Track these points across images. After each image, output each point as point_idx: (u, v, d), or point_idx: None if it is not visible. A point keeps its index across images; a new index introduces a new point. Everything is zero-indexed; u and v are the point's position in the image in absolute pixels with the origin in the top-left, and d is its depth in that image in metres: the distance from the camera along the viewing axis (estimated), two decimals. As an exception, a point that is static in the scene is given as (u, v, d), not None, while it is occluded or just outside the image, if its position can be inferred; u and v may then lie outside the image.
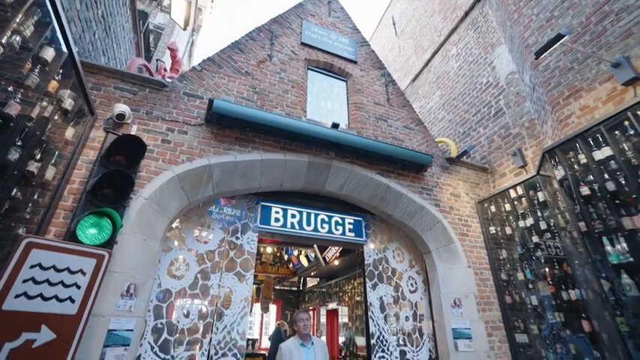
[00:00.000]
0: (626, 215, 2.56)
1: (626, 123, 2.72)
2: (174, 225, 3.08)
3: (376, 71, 4.79)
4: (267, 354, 9.24)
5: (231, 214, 3.37)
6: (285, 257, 10.31)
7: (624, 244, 2.53)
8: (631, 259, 2.47)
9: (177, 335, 2.75)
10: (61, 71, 2.16)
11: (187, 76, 3.36)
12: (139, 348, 2.53)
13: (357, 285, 8.40)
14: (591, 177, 2.88)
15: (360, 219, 3.91)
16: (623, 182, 2.64)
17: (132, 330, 2.34)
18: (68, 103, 2.29)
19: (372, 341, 3.30)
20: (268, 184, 3.38)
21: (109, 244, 2.28)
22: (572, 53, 3.55)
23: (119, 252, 2.36)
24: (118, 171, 2.52)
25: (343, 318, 9.36)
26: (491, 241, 4.04)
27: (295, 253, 9.00)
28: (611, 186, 2.71)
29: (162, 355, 2.65)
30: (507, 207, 3.99)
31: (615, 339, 2.52)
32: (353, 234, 3.78)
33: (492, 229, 4.08)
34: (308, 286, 12.52)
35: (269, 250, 9.15)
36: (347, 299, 9.06)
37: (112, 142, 2.60)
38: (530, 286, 3.57)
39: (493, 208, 4.17)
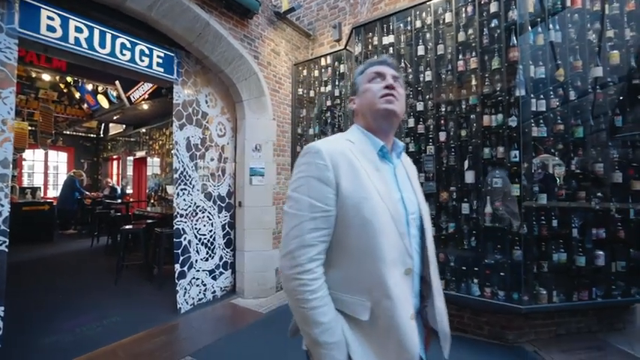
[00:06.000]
0: (384, 90, 3.47)
1: (408, 19, 3.40)
2: None
3: None
4: (55, 202, 8.27)
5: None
6: (77, 95, 8.37)
7: (376, 111, 3.51)
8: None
9: None
10: None
11: None
12: None
13: (169, 134, 8.11)
14: (375, 57, 3.59)
15: (173, 55, 3.52)
16: (391, 65, 3.47)
17: None
18: None
19: (176, 175, 3.52)
20: (31, -29, 2.40)
21: None
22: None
23: None
24: None
25: (154, 169, 9.17)
26: (297, 100, 4.63)
27: (90, 87, 7.39)
28: (383, 67, 3.50)
29: None
30: (316, 73, 4.54)
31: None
32: (162, 69, 3.42)
33: (300, 91, 4.64)
34: (111, 134, 11.06)
35: (46, 78, 7.05)
36: (157, 148, 8.75)
37: None
38: (316, 139, 4.52)
39: (305, 73, 4.64)
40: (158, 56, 3.42)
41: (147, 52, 3.34)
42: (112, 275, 4.60)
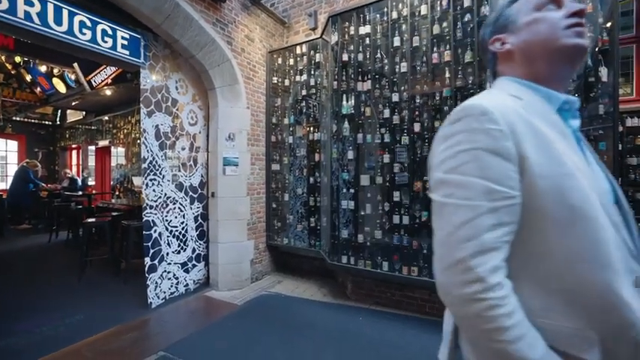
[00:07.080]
0: (360, 81, 3.48)
1: (385, 9, 3.41)
2: None
3: None
4: (4, 195, 7.64)
5: None
6: (28, 77, 7.69)
7: (352, 101, 3.52)
8: (352, 112, 3.52)
9: None
10: None
11: None
12: None
13: (135, 122, 7.69)
14: (352, 47, 3.58)
15: (139, 37, 3.30)
16: (368, 56, 3.48)
17: None
18: None
19: (144, 165, 3.34)
20: None
21: None
22: None
23: None
24: None
25: (119, 159, 8.68)
26: (271, 89, 4.53)
27: (43, 69, 6.81)
28: (359, 57, 3.50)
29: None
30: (291, 62, 4.46)
31: (329, 164, 3.71)
32: (127, 52, 3.20)
33: (275, 79, 4.54)
34: (69, 121, 10.31)
35: (-7, 57, 6.40)
36: (122, 137, 8.28)
37: None
38: (291, 129, 4.47)
39: (280, 61, 4.54)
40: (123, 37, 3.20)
41: (110, 32, 3.11)
42: (74, 271, 4.33)
